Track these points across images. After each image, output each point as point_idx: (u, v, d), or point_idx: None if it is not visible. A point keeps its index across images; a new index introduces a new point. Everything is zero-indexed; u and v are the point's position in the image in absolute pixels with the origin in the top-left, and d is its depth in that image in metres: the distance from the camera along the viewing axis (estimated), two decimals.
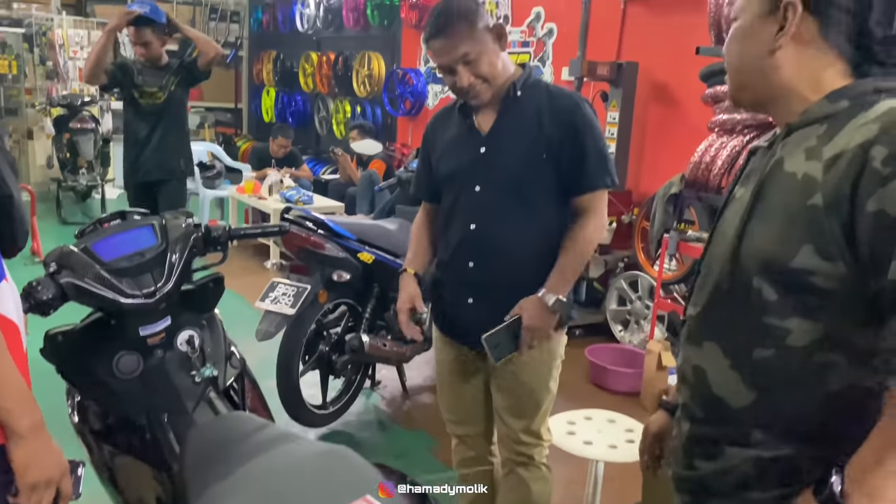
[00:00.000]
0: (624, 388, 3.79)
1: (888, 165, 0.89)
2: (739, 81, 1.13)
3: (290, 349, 2.92)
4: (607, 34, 4.95)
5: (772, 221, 1.04)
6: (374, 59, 7.31)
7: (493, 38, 1.79)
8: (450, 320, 2.02)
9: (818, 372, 1.01)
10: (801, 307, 1.00)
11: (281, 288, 2.87)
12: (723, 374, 1.11)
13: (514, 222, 1.85)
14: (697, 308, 1.18)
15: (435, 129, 2.02)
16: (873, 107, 0.97)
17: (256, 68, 9.81)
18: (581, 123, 1.81)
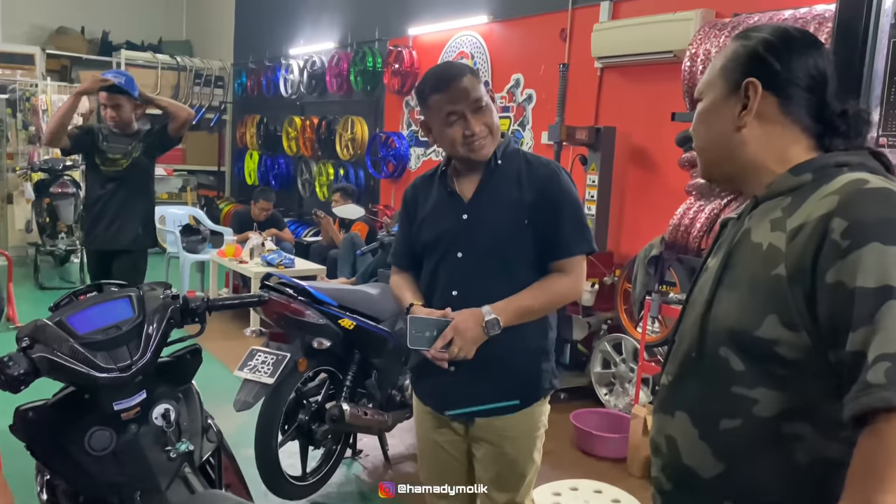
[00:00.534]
0: (610, 453, 3.73)
1: (847, 238, 0.90)
2: (708, 159, 1.16)
3: (269, 419, 2.85)
4: (585, 100, 5.06)
5: (738, 291, 1.05)
6: (358, 123, 7.41)
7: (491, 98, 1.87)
8: (430, 389, 1.98)
9: (785, 443, 1.00)
10: (768, 377, 1.00)
11: (260, 356, 2.82)
12: (692, 444, 1.10)
13: (497, 289, 1.83)
14: (669, 377, 1.19)
15: (416, 196, 2.01)
16: (835, 179, 0.99)
17: (240, 132, 9.89)
18: (559, 191, 1.85)
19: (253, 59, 9.58)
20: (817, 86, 1.07)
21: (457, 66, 1.86)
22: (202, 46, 11.15)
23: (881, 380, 0.82)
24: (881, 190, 0.94)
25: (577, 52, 5.11)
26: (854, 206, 0.92)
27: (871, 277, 0.87)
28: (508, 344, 1.83)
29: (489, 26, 5.92)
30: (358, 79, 7.28)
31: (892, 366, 0.82)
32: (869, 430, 0.84)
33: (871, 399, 0.83)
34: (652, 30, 4.39)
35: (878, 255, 0.88)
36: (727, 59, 1.12)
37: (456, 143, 1.82)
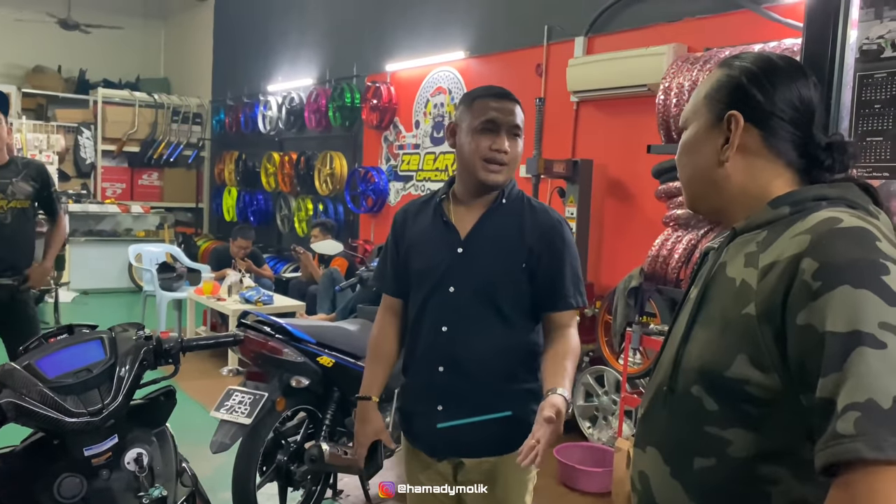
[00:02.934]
0: (595, 488, 3.69)
1: (818, 279, 0.87)
2: (694, 192, 1.14)
3: (247, 461, 2.80)
4: (562, 133, 5.11)
5: (711, 327, 1.02)
6: (336, 159, 7.42)
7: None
8: (417, 430, 1.91)
9: (761, 485, 0.97)
10: (741, 417, 0.97)
11: (237, 396, 2.77)
12: (664, 482, 1.07)
13: (488, 327, 1.79)
14: (642, 410, 1.16)
15: (406, 220, 1.94)
16: (810, 215, 0.96)
17: (218, 168, 9.88)
18: (561, 242, 1.82)
19: (231, 95, 9.61)
20: (801, 117, 1.05)
21: (509, 92, 1.82)
22: (180, 84, 11.18)
23: (850, 430, 0.79)
24: (853, 230, 0.91)
25: (553, 86, 5.18)
26: (825, 246, 0.89)
27: (841, 322, 0.83)
28: (498, 385, 1.79)
29: (466, 62, 5.99)
30: (336, 114, 7.32)
31: (862, 416, 0.78)
32: (838, 481, 0.81)
33: (839, 451, 0.79)
34: (625, 64, 4.46)
35: (848, 298, 0.84)
36: (711, 88, 1.10)
37: (477, 155, 1.75)
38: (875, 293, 0.84)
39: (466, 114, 1.78)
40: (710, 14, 4.20)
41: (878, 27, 1.45)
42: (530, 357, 1.85)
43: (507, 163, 1.76)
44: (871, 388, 0.79)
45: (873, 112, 1.47)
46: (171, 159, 10.22)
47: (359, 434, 1.93)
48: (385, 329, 1.97)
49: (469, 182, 1.82)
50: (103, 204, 9.39)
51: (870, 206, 1.01)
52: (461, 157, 1.80)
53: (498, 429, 1.79)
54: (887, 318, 0.82)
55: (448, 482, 1.88)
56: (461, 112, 1.81)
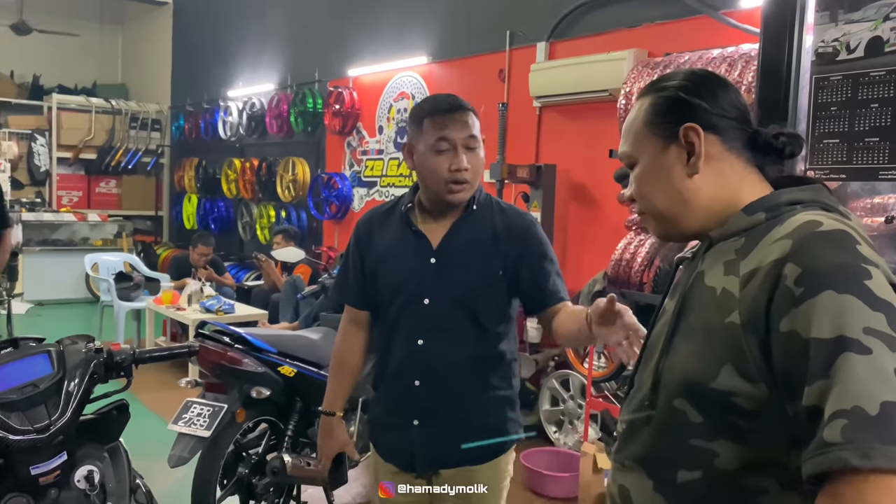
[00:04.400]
0: (561, 493, 3.68)
1: (800, 285, 0.86)
2: (666, 219, 1.11)
3: (206, 474, 2.72)
4: (525, 138, 5.13)
5: (693, 339, 1.01)
6: (299, 165, 7.35)
7: None
8: (391, 446, 1.85)
9: (748, 497, 0.95)
10: (728, 429, 0.96)
11: (195, 408, 2.70)
12: (647, 496, 1.05)
13: (465, 338, 1.74)
14: (623, 425, 1.14)
15: (371, 231, 1.86)
16: (789, 219, 0.96)
17: (178, 175, 9.72)
18: (539, 243, 1.79)
19: (190, 101, 9.48)
20: (743, 115, 1.07)
21: (461, 100, 1.74)
22: (138, 89, 10.99)
23: (837, 438, 0.78)
24: (834, 233, 0.90)
25: (515, 91, 5.19)
26: (807, 251, 0.89)
27: (826, 328, 0.82)
28: (475, 396, 1.76)
29: (429, 67, 5.98)
30: (298, 120, 7.25)
31: (849, 423, 0.77)
32: (826, 490, 0.80)
33: (827, 459, 0.78)
34: (587, 70, 4.49)
35: (832, 304, 0.83)
36: (650, 115, 1.09)
37: (438, 176, 1.69)
38: (859, 298, 0.83)
39: (418, 134, 1.71)
40: (670, 20, 4.24)
41: (833, 30, 1.47)
42: (505, 364, 1.82)
43: (469, 180, 1.70)
44: (858, 394, 0.78)
45: (829, 114, 1.48)
46: (130, 166, 10.03)
47: (323, 447, 1.89)
48: (349, 342, 1.91)
49: (435, 200, 1.76)
50: (58, 212, 9.16)
51: (840, 207, 1.01)
52: (422, 178, 1.74)
53: (475, 438, 1.75)
54: (872, 323, 0.82)
55: (424, 494, 1.83)
56: (413, 132, 1.74)
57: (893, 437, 0.77)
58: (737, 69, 3.48)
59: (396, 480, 1.83)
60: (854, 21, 1.43)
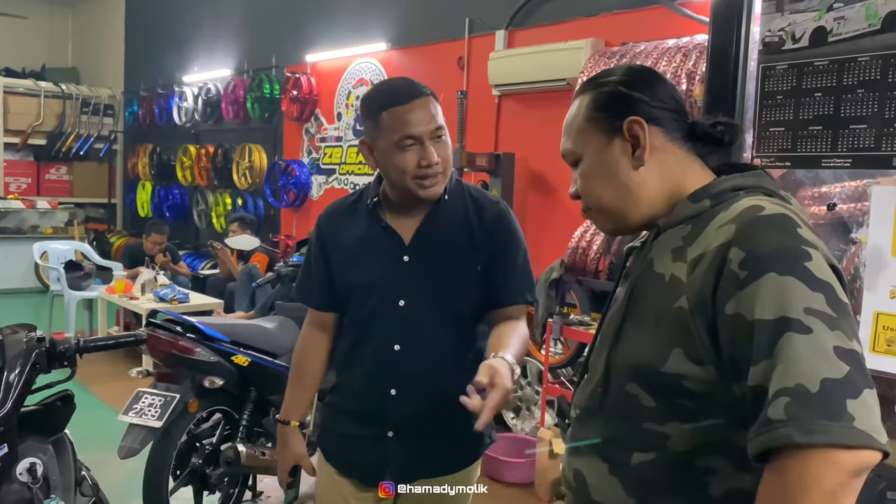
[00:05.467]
0: (518, 478, 3.71)
1: (745, 268, 0.89)
2: (612, 215, 1.12)
3: (158, 465, 2.68)
4: (484, 127, 5.12)
5: (643, 325, 1.03)
6: (255, 151, 7.24)
7: None
8: (355, 458, 1.70)
9: (699, 476, 0.98)
10: (679, 412, 0.98)
11: (146, 398, 2.65)
12: (601, 479, 1.07)
13: (445, 341, 1.62)
14: (577, 411, 1.16)
15: (335, 226, 1.72)
16: (733, 205, 0.98)
17: (132, 162, 9.50)
18: (511, 233, 1.67)
19: (144, 86, 9.26)
20: (680, 106, 1.10)
21: (420, 84, 1.57)
22: (90, 73, 10.67)
23: (781, 415, 0.80)
24: (776, 217, 0.93)
25: (475, 79, 5.18)
26: (750, 235, 0.91)
27: (770, 309, 0.85)
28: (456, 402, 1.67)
29: (388, 53, 5.93)
30: (255, 106, 7.14)
31: (792, 401, 0.80)
32: (771, 467, 0.83)
33: (771, 436, 0.81)
34: (545, 58, 4.49)
35: (774, 285, 0.86)
36: (591, 110, 1.10)
37: (406, 174, 1.54)
38: (800, 279, 0.86)
39: (377, 129, 1.55)
40: (627, 9, 4.27)
41: (779, 20, 1.49)
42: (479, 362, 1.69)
43: (441, 171, 1.57)
44: (800, 372, 0.81)
45: (775, 103, 1.50)
46: (81, 153, 9.76)
47: (279, 460, 1.79)
48: (312, 347, 1.77)
49: (404, 197, 1.62)
50: (6, 199, 8.88)
51: (781, 192, 1.04)
52: (388, 177, 1.60)
53: (452, 451, 1.67)
54: (812, 303, 0.85)
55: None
56: (370, 128, 1.58)
57: (834, 412, 0.80)
58: (691, 59, 3.53)
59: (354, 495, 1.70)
60: (799, 11, 1.45)
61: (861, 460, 0.80)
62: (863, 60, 1.38)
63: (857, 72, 1.38)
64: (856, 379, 0.82)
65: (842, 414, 0.79)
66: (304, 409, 1.79)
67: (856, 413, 0.80)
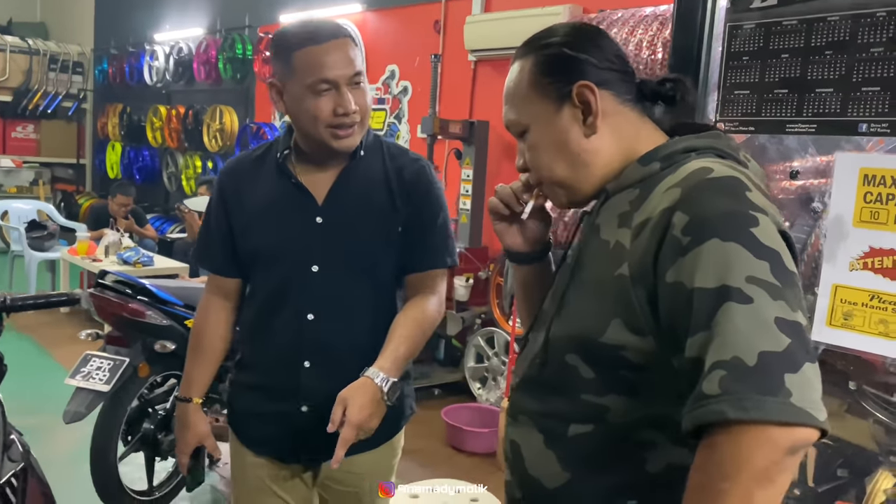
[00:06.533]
0: (481, 448, 3.69)
1: (687, 233, 0.83)
2: (565, 188, 1.05)
3: (106, 430, 2.60)
4: (459, 93, 5.02)
5: (584, 293, 0.98)
6: (227, 113, 7.07)
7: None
8: (268, 436, 1.59)
9: (637, 451, 0.94)
10: (618, 383, 0.94)
11: (95, 361, 2.56)
12: (537, 451, 1.03)
13: (364, 308, 1.52)
14: (517, 379, 1.11)
15: (239, 183, 1.58)
16: (681, 167, 0.93)
17: (101, 122, 9.26)
18: (431, 192, 1.55)
19: (115, 44, 8.99)
20: (627, 66, 1.03)
21: (336, 24, 1.46)
22: (59, 29, 10.35)
23: (715, 390, 0.76)
24: (724, 179, 0.87)
25: (451, 44, 5.06)
26: (695, 199, 0.86)
27: (710, 277, 0.80)
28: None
29: (363, 15, 5.78)
30: (227, 66, 6.96)
31: (727, 374, 0.75)
32: (704, 443, 0.78)
33: (704, 412, 0.77)
34: (522, 23, 4.38)
35: (716, 252, 0.81)
36: (536, 76, 1.03)
37: (319, 122, 1.41)
38: (743, 246, 0.81)
39: (289, 71, 1.42)
40: None
41: None
42: None
43: (358, 121, 1.45)
44: (737, 345, 0.76)
45: (741, 64, 1.43)
46: (49, 111, 9.49)
47: (179, 441, 1.64)
48: (213, 316, 1.63)
49: (317, 147, 1.49)
50: None
51: (739, 155, 0.99)
52: (299, 124, 1.48)
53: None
54: (755, 271, 0.79)
55: (307, 487, 1.63)
56: (281, 68, 1.44)
57: (770, 387, 0.75)
58: (667, 27, 3.44)
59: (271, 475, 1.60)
60: None
61: (797, 437, 0.75)
62: (832, 20, 1.31)
63: (826, 32, 1.31)
64: (796, 352, 0.76)
65: (779, 389, 0.74)
66: (206, 384, 1.65)
67: (794, 388, 0.75)
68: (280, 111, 1.51)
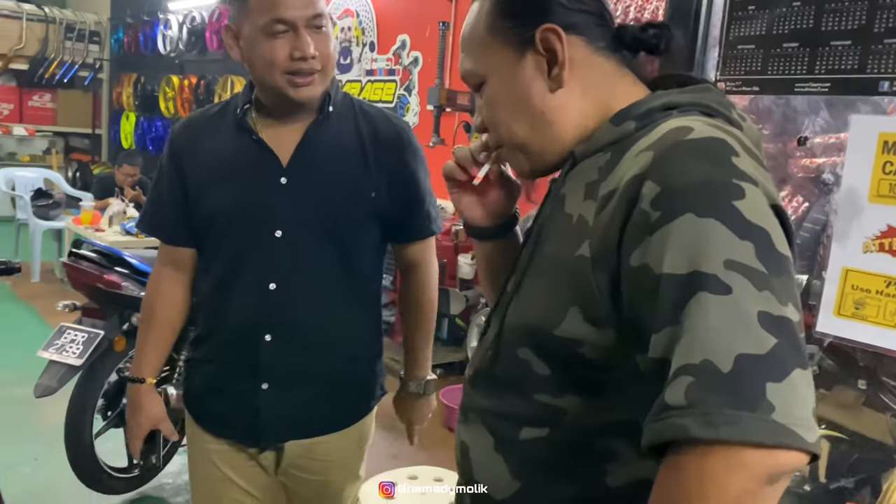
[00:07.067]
0: None
1: (657, 207, 0.67)
2: (530, 152, 0.89)
3: (80, 406, 2.51)
4: None
5: (540, 277, 0.83)
6: (238, 84, 6.93)
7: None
8: (225, 416, 1.48)
9: (597, 461, 0.80)
10: (577, 383, 0.79)
11: (69, 334, 2.47)
12: (486, 454, 0.88)
13: (330, 279, 1.43)
14: (469, 372, 0.95)
15: (193, 141, 1.45)
16: (658, 127, 0.76)
17: (116, 92, 9.20)
18: (413, 156, 1.46)
19: (130, 13, 8.89)
20: (603, 8, 0.86)
21: None
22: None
23: (680, 400, 0.60)
24: (705, 141, 0.70)
25: (462, 11, 4.86)
26: (669, 164, 0.69)
27: (681, 261, 0.64)
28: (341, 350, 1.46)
29: None
30: None
31: (695, 381, 0.60)
32: (667, 462, 0.63)
33: (665, 426, 0.61)
34: None
35: (690, 230, 0.65)
36: (494, 18, 0.87)
37: (275, 67, 1.30)
38: (723, 223, 0.64)
39: (244, 11, 1.32)
40: None
41: None
42: (375, 309, 1.55)
43: (319, 69, 1.33)
44: (709, 345, 0.61)
45: (746, 15, 1.26)
46: (66, 80, 9.44)
47: (132, 425, 1.53)
48: (165, 289, 1.51)
49: (276, 100, 1.38)
50: None
51: (732, 113, 0.81)
52: (255, 72, 1.36)
53: (339, 404, 1.49)
54: (735, 254, 0.63)
55: (269, 475, 1.53)
56: (236, 9, 1.35)
57: (748, 399, 0.58)
58: None
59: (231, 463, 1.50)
60: None
61: (778, 463, 0.59)
62: None
63: None
64: (783, 356, 0.60)
65: (757, 402, 0.58)
66: (159, 363, 1.54)
67: (777, 401, 0.58)
68: (235, 58, 1.38)
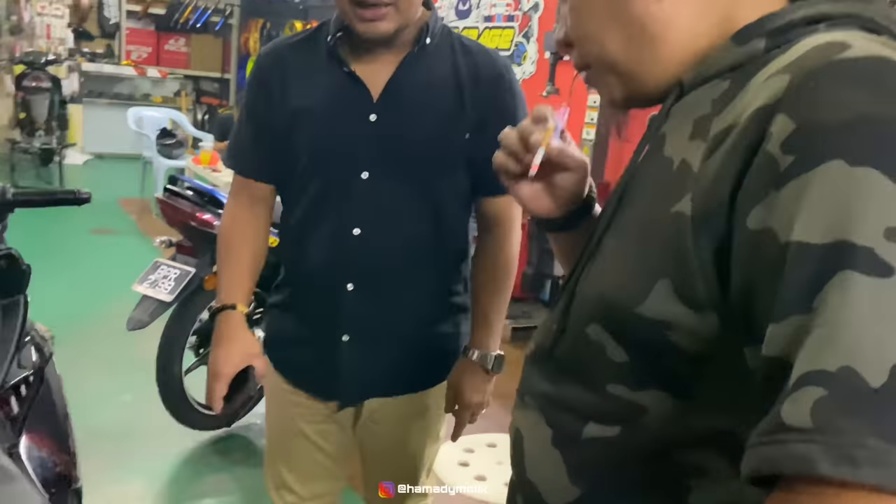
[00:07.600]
0: None
1: (791, 150, 0.47)
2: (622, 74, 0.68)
3: (171, 342, 2.54)
4: None
5: (623, 238, 0.64)
6: None
7: None
8: (304, 366, 1.41)
9: (680, 476, 0.61)
10: (664, 376, 0.60)
11: (163, 270, 2.48)
12: (541, 448, 0.71)
13: (418, 226, 1.31)
14: (531, 346, 0.78)
15: (281, 72, 1.31)
16: (798, 44, 0.54)
17: (244, 37, 9.45)
18: (512, 97, 1.30)
19: None
20: None
21: None
22: None
23: (804, 420, 0.41)
24: (868, 62, 0.48)
25: None
26: (812, 92, 0.48)
27: (822, 226, 0.45)
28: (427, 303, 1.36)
29: None
30: None
31: (830, 396, 0.41)
32: (776, 499, 0.44)
33: (781, 453, 0.42)
34: None
35: (838, 183, 0.45)
36: None
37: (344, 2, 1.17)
38: (887, 175, 0.44)
39: None
40: None
41: None
42: (462, 261, 1.41)
43: (389, 1, 1.17)
44: (852, 347, 0.42)
45: None
46: (198, 25, 9.78)
47: (220, 362, 1.30)
48: (243, 216, 1.40)
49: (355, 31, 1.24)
50: (119, 65, 9.07)
51: None
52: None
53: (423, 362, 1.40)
54: None
55: (347, 431, 1.46)
56: None
57: None
58: None
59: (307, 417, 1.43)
60: None
61: None
62: None
63: None
64: None
65: None
66: (249, 290, 1.40)
67: None
68: None
